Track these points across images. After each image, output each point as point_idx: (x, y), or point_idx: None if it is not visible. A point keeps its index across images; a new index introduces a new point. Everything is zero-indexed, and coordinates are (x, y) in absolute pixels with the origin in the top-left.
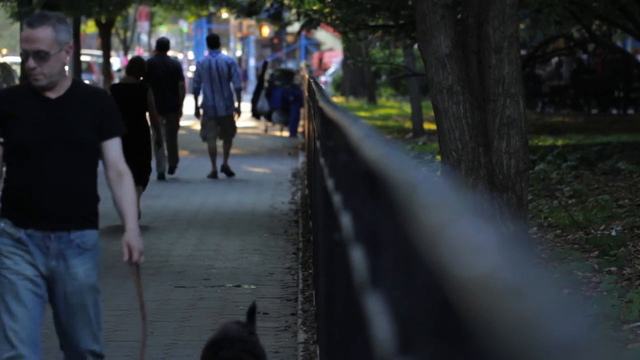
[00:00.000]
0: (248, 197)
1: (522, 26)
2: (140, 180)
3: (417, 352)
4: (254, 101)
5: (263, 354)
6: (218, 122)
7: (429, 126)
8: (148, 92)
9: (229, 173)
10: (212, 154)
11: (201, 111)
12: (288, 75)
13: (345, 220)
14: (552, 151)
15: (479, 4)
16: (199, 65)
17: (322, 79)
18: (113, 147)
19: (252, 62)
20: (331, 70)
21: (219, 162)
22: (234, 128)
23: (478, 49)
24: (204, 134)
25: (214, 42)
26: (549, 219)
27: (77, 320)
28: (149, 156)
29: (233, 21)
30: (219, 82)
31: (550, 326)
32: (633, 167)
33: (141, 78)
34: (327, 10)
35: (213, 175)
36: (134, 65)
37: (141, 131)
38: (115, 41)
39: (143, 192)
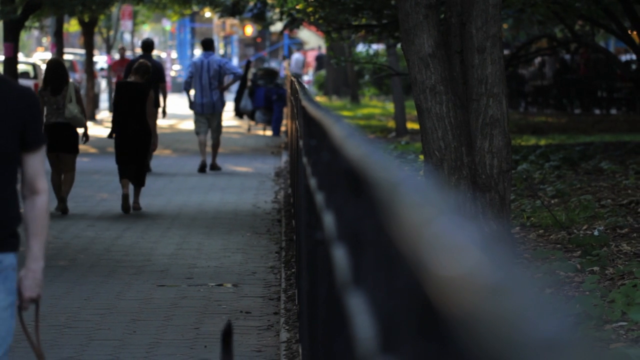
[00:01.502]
0: (231, 196)
1: (505, 26)
2: (140, 181)
3: (399, 351)
4: (237, 100)
5: None
6: (206, 120)
7: (412, 126)
8: (149, 91)
9: (217, 169)
10: (202, 144)
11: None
12: (271, 74)
13: (328, 219)
14: (535, 151)
15: (462, 3)
16: (193, 65)
17: (305, 78)
18: (33, 161)
19: (235, 61)
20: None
21: (208, 160)
22: (220, 127)
23: (461, 48)
24: (196, 129)
25: (207, 45)
26: (532, 218)
27: None
28: (146, 156)
29: (216, 20)
30: (208, 82)
31: (532, 325)
32: (616, 167)
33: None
34: (310, 9)
35: (202, 166)
36: (140, 67)
37: (144, 130)
38: (98, 40)
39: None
